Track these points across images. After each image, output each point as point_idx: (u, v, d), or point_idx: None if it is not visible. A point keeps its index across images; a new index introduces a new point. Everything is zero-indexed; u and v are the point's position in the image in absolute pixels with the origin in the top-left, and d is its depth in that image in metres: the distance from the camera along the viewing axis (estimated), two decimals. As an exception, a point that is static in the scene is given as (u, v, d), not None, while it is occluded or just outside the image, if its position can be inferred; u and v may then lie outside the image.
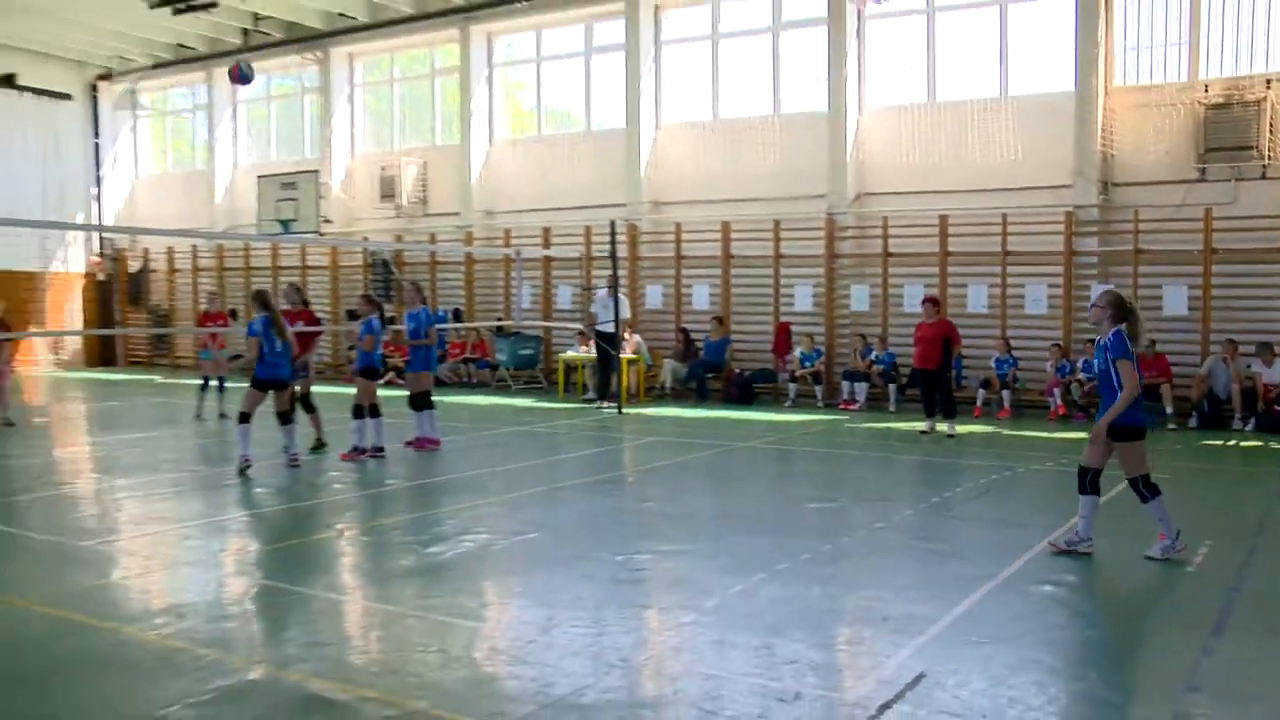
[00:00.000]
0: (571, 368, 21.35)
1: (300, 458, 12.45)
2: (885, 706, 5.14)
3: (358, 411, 13.04)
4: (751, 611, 6.67)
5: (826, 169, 20.05)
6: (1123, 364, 7.87)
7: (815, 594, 7.11)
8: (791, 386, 19.50)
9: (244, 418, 12.12)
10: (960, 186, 19.02)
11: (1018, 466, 12.54)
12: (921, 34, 19.75)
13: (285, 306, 14.33)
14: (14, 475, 12.41)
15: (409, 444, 13.53)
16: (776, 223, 20.49)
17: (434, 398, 13.92)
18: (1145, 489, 8.01)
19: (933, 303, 15.51)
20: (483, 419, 17.17)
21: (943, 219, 19.00)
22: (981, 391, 17.87)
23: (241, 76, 23.41)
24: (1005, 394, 17.74)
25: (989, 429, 16.14)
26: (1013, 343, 18.14)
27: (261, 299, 12.53)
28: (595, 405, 18.74)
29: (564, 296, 23.06)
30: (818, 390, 19.45)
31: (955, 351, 15.32)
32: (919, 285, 19.02)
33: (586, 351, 20.61)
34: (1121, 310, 8.05)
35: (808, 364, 19.54)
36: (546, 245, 22.88)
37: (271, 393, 12.35)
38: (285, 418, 12.48)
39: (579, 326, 21.48)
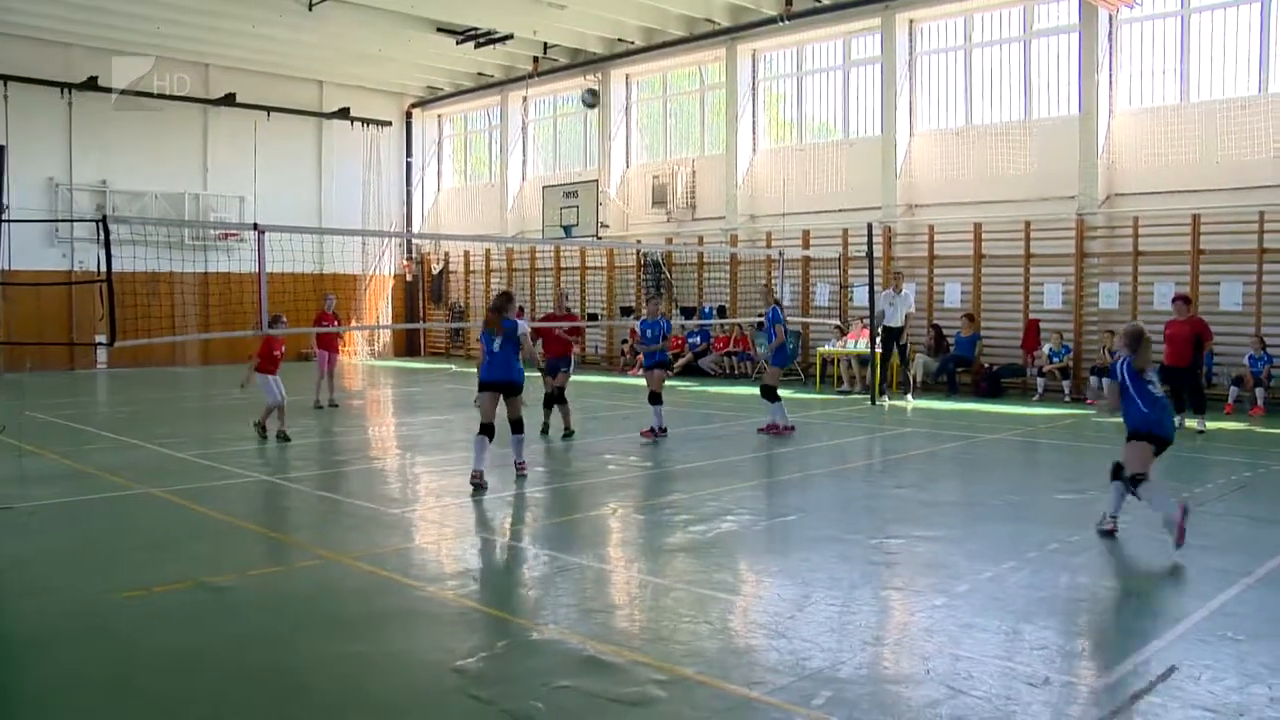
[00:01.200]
0: (828, 361, 21.10)
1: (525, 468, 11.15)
2: (1136, 696, 4.84)
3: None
4: (1001, 597, 6.43)
5: (1077, 170, 19.02)
6: None
7: (1064, 582, 6.78)
8: (1039, 381, 18.61)
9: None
10: (1214, 185, 17.64)
11: (1272, 464, 11.54)
12: (1175, 35, 18.44)
13: (553, 310, 14.69)
14: (336, 450, 13.37)
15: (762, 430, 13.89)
16: (1027, 223, 19.62)
17: (695, 388, 14.02)
18: None
19: (1184, 300, 14.57)
20: (743, 408, 17.22)
21: (1195, 218, 17.68)
22: (1234, 389, 16.52)
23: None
24: (1259, 391, 16.33)
25: (1241, 426, 14.92)
26: (1268, 340, 16.69)
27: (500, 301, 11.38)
28: (876, 400, 18.19)
29: (822, 294, 22.80)
30: (1065, 385, 18.49)
31: (1206, 347, 14.38)
32: (1169, 283, 17.75)
33: (843, 346, 20.34)
34: None
35: (1056, 359, 18.60)
36: (806, 246, 22.69)
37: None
38: (516, 426, 10.78)
39: (836, 321, 21.23)
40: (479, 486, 9.90)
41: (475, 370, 11.54)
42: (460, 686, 5.05)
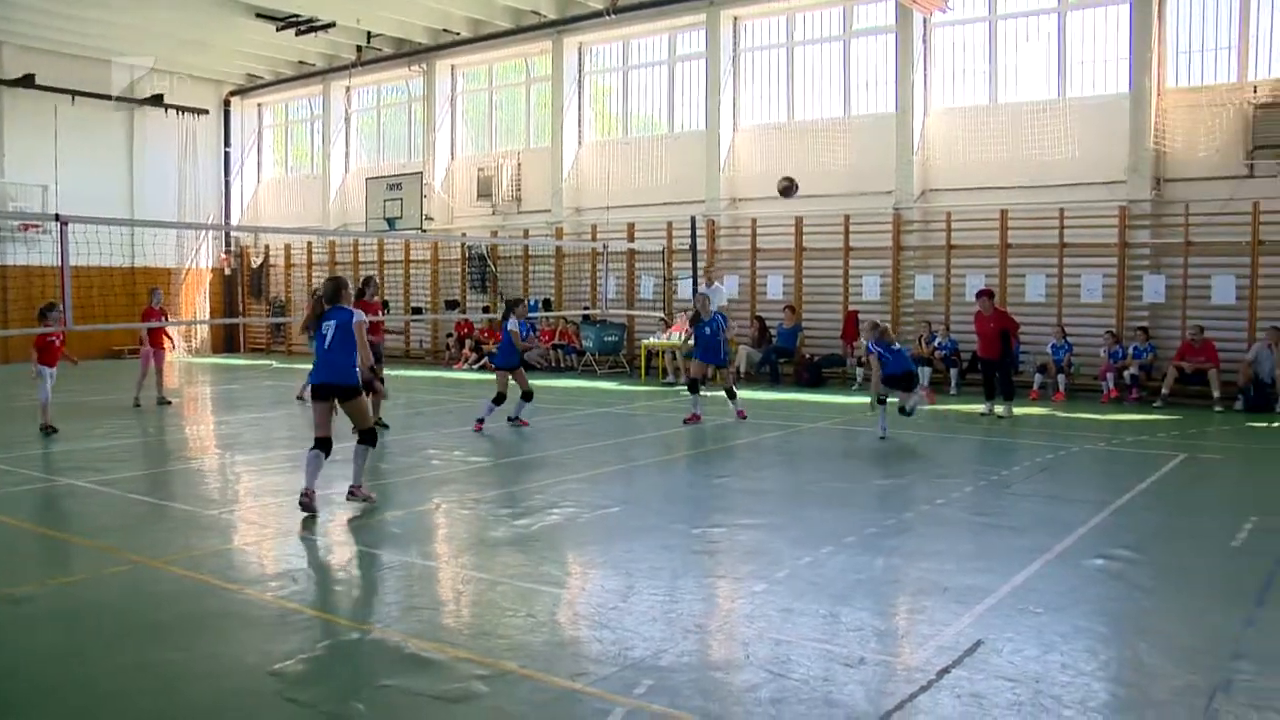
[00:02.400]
0: (653, 353, 21.36)
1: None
2: (944, 671, 5.06)
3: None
4: (819, 581, 6.62)
5: (894, 167, 19.79)
6: None
7: (879, 565, 7.03)
8: (859, 371, 19.28)
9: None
10: (1020, 183, 18.68)
11: (1072, 446, 12.28)
12: (983, 39, 19.42)
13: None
14: (151, 450, 12.80)
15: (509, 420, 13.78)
16: (846, 218, 20.28)
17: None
18: None
19: (988, 295, 15.30)
20: (569, 401, 17.25)
21: (1003, 213, 18.65)
22: (1039, 376, 17.54)
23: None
24: (1061, 378, 17.39)
25: (1045, 411, 15.83)
26: (1068, 329, 17.79)
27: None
28: (678, 388, 18.56)
29: (646, 287, 23.04)
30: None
31: (1014, 340, 15.25)
32: (980, 276, 18.69)
33: (667, 338, 20.60)
34: None
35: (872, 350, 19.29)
36: (631, 239, 22.90)
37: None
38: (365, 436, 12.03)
39: (660, 314, 21.49)
40: (308, 509, 8.62)
41: (307, 366, 11.29)
42: (279, 690, 4.90)
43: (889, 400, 13.07)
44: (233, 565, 7.22)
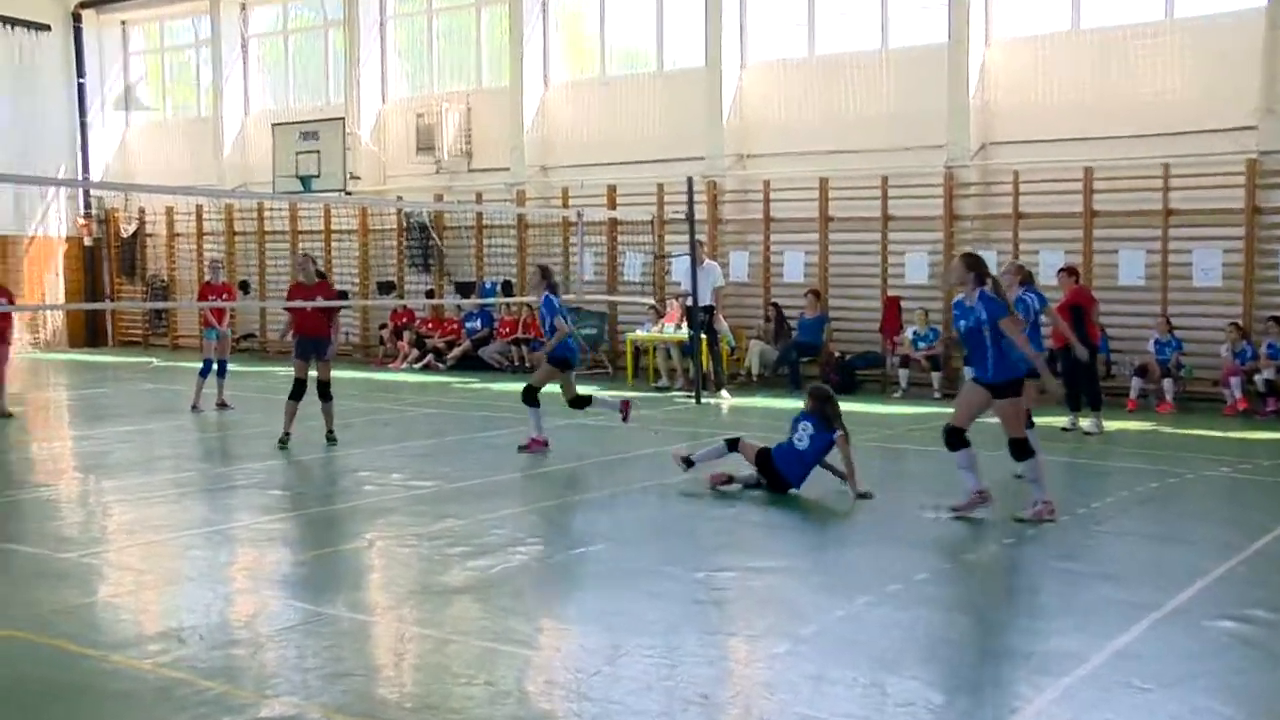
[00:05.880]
0: (641, 350, 21.31)
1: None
2: (1023, 760, 5.05)
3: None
4: (857, 641, 6.61)
5: (945, 114, 19.78)
6: None
7: (935, 622, 7.02)
8: (902, 374, 19.30)
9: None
10: (1112, 131, 18.56)
11: (1184, 472, 12.26)
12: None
13: (300, 279, 14.51)
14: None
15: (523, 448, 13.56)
16: (884, 179, 20.27)
17: (474, 385, 13.99)
18: None
19: (1068, 272, 15.26)
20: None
21: (1087, 172, 18.65)
22: (1137, 381, 17.51)
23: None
24: (1167, 384, 17.41)
25: (1146, 426, 15.84)
26: (1175, 322, 17.80)
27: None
28: (702, 398, 18.43)
29: (632, 266, 23.01)
30: (935, 378, 19.20)
31: (1090, 323, 14.76)
32: (1059, 251, 18.64)
33: (659, 330, 20.58)
34: None
35: (922, 346, 19.31)
36: (612, 206, 22.86)
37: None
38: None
39: (651, 301, 21.46)
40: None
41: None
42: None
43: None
44: (97, 625, 7.13)
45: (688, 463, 11.26)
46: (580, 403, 13.89)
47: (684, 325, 19.78)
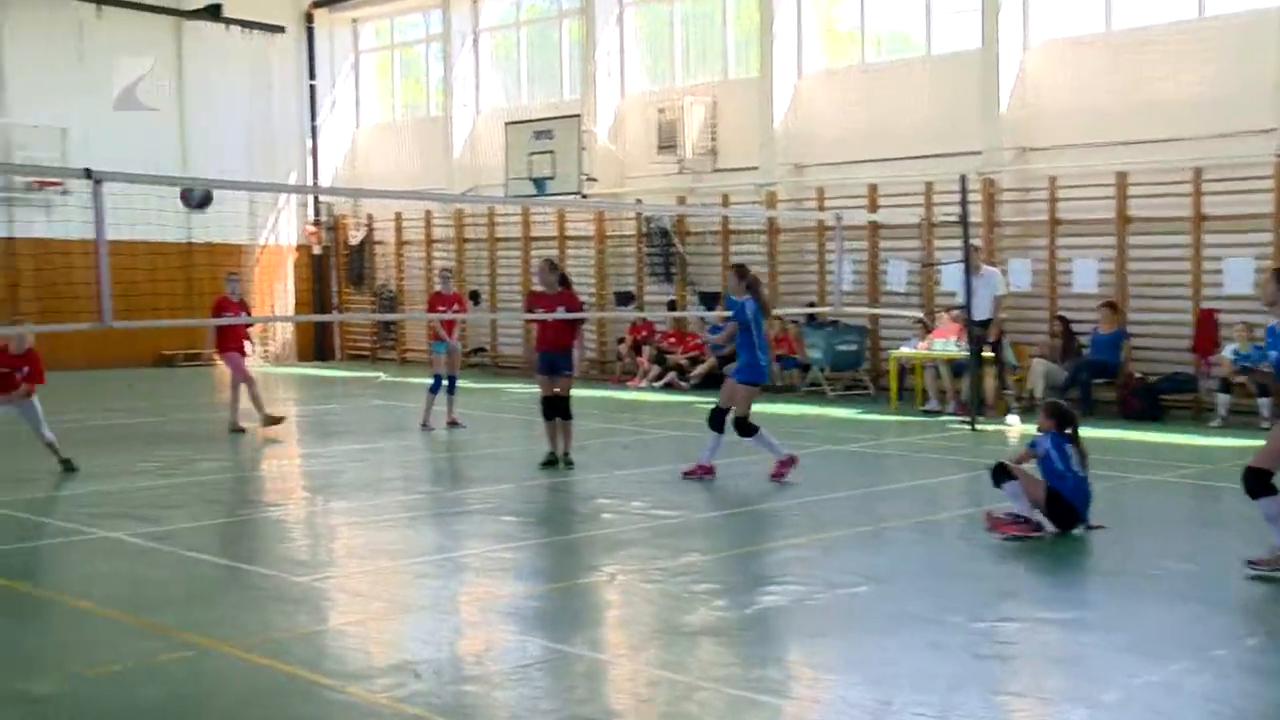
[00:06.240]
0: (907, 368, 21.02)
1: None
2: None
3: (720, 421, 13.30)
4: (1172, 713, 6.32)
5: (1270, 86, 18.85)
6: None
7: (1272, 697, 6.67)
8: (1221, 399, 18.50)
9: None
10: None
11: None
12: None
13: (539, 289, 14.73)
14: (219, 493, 13.32)
15: (687, 473, 13.52)
16: (1197, 170, 19.53)
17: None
18: None
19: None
20: (789, 434, 17.11)
21: None
22: (1224, 398, 16.58)
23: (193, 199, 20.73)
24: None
25: None
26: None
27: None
28: (977, 424, 18.08)
29: (897, 275, 22.74)
30: (1262, 404, 18.33)
31: None
32: None
33: (927, 347, 20.25)
34: None
35: (1245, 365, 18.47)
36: (874, 208, 22.63)
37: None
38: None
39: (918, 315, 21.11)
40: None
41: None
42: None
43: None
44: (329, 652, 7.39)
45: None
46: (746, 429, 13.36)
47: (963, 341, 19.36)
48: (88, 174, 10.89)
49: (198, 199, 19.13)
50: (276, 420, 17.61)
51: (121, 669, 7.07)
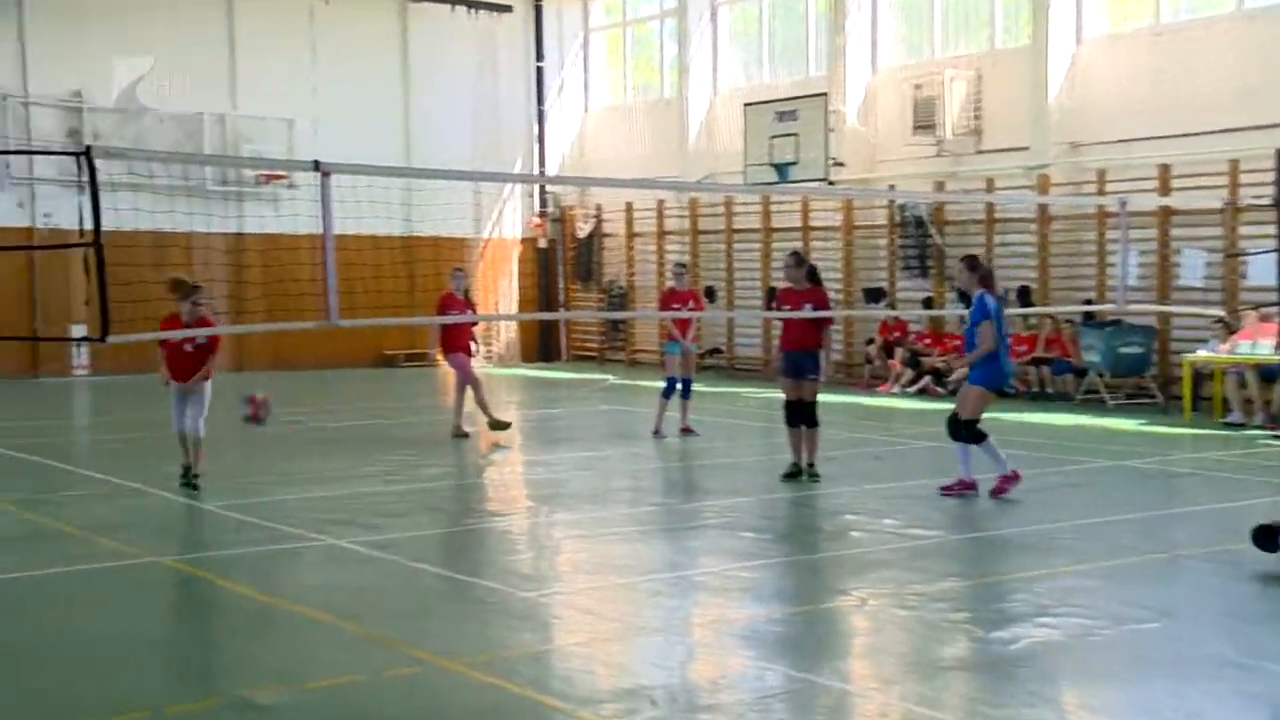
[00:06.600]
0: (1205, 375, 20.38)
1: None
2: None
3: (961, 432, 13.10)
4: None
5: None
6: None
7: None
8: None
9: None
10: None
11: None
12: None
13: (789, 284, 14.51)
14: (443, 501, 13.75)
15: (946, 490, 13.28)
16: None
17: (990, 414, 13.65)
18: None
19: None
20: (1064, 448, 16.81)
21: None
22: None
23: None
24: None
25: None
26: None
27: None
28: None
29: (1193, 268, 22.07)
30: None
31: None
32: None
33: (1229, 350, 19.58)
34: None
35: None
36: (1165, 191, 22.04)
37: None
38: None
39: (1219, 313, 20.41)
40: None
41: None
42: None
43: None
44: (556, 673, 7.52)
45: None
46: (973, 434, 13.08)
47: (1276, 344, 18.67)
48: (316, 166, 11.26)
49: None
50: (503, 425, 17.93)
51: (347, 682, 7.31)
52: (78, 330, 23.81)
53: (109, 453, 16.46)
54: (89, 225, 9.78)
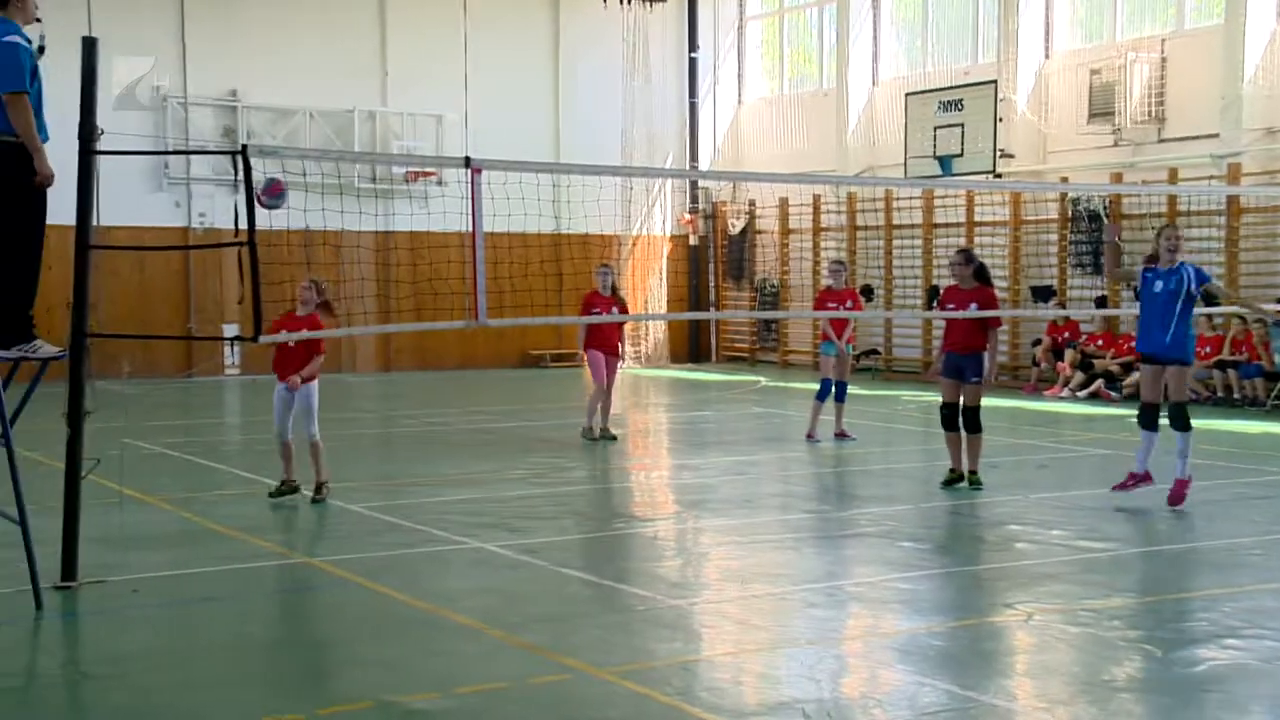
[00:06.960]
0: None
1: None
2: None
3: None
4: None
5: None
6: None
7: None
8: None
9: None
10: None
11: None
12: None
13: (954, 283, 14.33)
14: (590, 505, 13.91)
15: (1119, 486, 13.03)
16: None
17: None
18: None
19: None
20: (1251, 456, 16.52)
21: None
22: None
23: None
24: None
25: None
26: None
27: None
28: None
29: None
30: None
31: None
32: None
33: None
34: None
35: None
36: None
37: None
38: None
39: None
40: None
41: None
42: None
43: None
44: (706, 684, 7.52)
45: None
46: (1185, 420, 12.64)
47: None
48: (467, 163, 11.35)
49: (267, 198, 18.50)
50: (609, 437, 17.77)
51: (496, 688, 7.40)
52: (230, 330, 24.49)
53: (258, 453, 16.75)
54: (242, 224, 9.92)
